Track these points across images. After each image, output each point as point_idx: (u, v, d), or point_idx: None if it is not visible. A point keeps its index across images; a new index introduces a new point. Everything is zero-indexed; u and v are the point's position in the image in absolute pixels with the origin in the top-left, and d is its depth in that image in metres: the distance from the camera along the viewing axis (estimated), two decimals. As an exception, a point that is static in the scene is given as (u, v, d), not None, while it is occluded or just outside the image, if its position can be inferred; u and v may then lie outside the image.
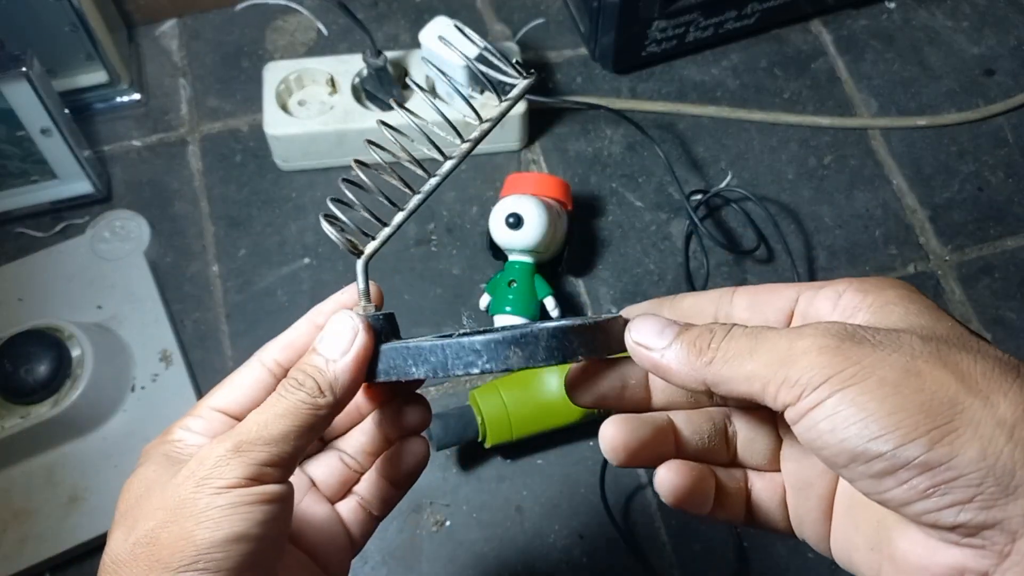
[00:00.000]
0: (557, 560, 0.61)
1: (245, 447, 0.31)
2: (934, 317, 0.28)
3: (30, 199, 0.71)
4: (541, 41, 0.82)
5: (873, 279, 0.30)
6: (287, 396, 0.33)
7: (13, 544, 0.59)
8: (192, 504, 0.30)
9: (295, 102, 0.75)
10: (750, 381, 0.28)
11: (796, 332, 0.28)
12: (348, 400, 0.33)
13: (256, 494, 0.30)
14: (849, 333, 0.27)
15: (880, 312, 0.29)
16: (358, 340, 0.33)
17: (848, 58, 0.82)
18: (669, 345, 0.30)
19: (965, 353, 0.26)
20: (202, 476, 0.30)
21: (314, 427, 0.32)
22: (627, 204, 0.74)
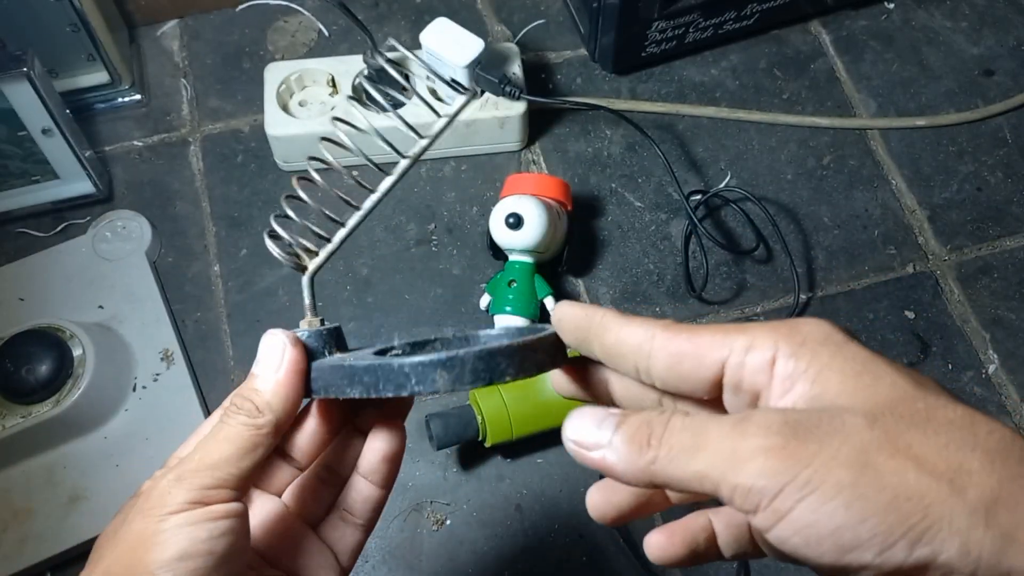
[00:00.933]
0: (557, 560, 0.61)
1: (187, 475, 0.32)
2: (873, 377, 0.26)
3: (31, 199, 0.71)
4: (541, 41, 0.82)
5: (798, 330, 0.28)
6: (228, 421, 0.34)
7: (13, 544, 0.59)
8: (140, 533, 0.31)
9: (296, 102, 0.75)
10: (700, 481, 0.26)
11: (739, 428, 0.26)
12: (289, 416, 0.34)
13: (199, 515, 0.31)
14: (792, 427, 0.25)
15: (818, 381, 0.27)
16: (287, 357, 0.34)
17: (847, 58, 0.82)
18: (608, 443, 0.28)
19: (915, 431, 0.25)
20: (148, 508, 0.32)
21: (258, 447, 0.33)
22: (627, 204, 0.74)
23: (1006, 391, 0.68)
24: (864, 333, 0.69)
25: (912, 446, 0.24)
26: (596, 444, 0.28)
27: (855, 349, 0.27)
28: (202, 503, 0.31)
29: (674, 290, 0.71)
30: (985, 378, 0.68)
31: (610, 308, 0.32)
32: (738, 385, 0.28)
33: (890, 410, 0.25)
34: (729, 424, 0.26)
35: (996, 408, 0.67)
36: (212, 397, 0.66)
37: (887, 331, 0.69)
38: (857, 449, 0.24)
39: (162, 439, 0.62)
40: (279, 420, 0.34)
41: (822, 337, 0.27)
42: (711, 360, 0.29)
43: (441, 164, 0.76)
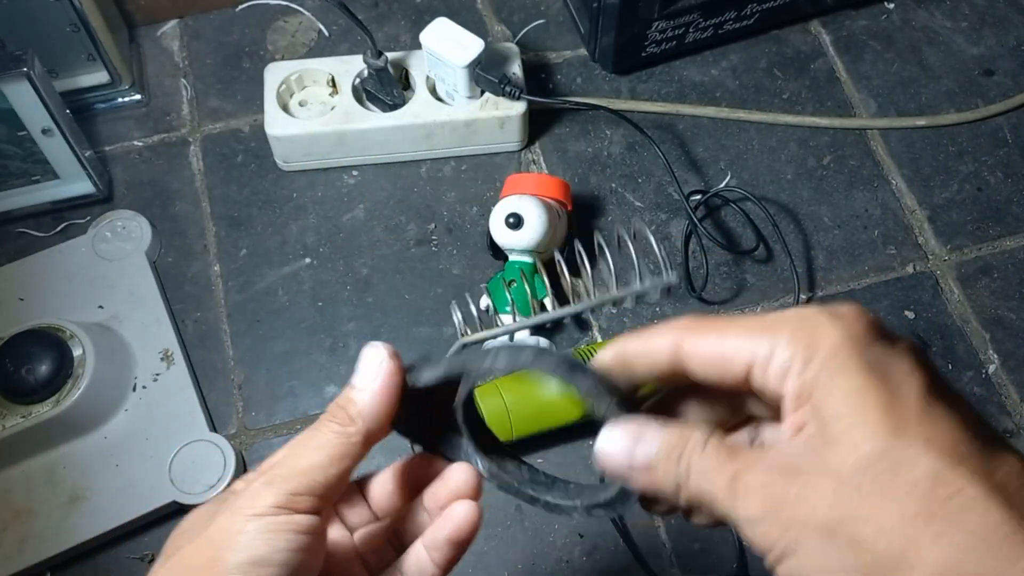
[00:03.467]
0: (557, 560, 0.61)
1: (277, 478, 0.33)
2: (853, 423, 0.27)
3: (31, 199, 0.71)
4: (541, 41, 0.82)
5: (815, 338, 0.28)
6: (321, 429, 0.35)
7: (13, 544, 0.59)
8: (224, 529, 0.32)
9: (296, 102, 0.75)
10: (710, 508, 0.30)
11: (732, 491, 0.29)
12: (378, 429, 0.35)
13: (283, 522, 0.32)
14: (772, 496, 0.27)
15: (821, 404, 0.28)
16: (383, 368, 0.35)
17: (847, 58, 0.82)
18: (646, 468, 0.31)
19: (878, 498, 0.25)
20: (237, 505, 0.32)
21: (346, 456, 0.34)
22: (627, 204, 0.74)
23: (1006, 391, 0.68)
24: (864, 333, 0.69)
25: (870, 519, 0.25)
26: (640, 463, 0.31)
27: (851, 372, 0.27)
28: (288, 508, 0.32)
29: (674, 290, 0.71)
30: (985, 378, 0.68)
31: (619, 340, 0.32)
32: (762, 392, 0.29)
33: (859, 472, 0.26)
34: (725, 482, 0.29)
35: (996, 408, 0.67)
36: (212, 397, 0.66)
37: (887, 331, 0.69)
38: (823, 521, 0.26)
39: (162, 439, 0.62)
40: (370, 430, 0.34)
41: (832, 348, 0.28)
42: (738, 367, 0.29)
43: (441, 164, 0.76)
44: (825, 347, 0.28)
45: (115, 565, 0.61)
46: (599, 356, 0.33)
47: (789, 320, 0.29)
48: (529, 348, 0.33)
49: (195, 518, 0.34)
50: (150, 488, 0.60)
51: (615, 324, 0.69)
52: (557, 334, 0.68)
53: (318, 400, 0.66)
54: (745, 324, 0.30)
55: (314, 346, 0.68)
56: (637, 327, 0.69)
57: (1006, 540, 0.24)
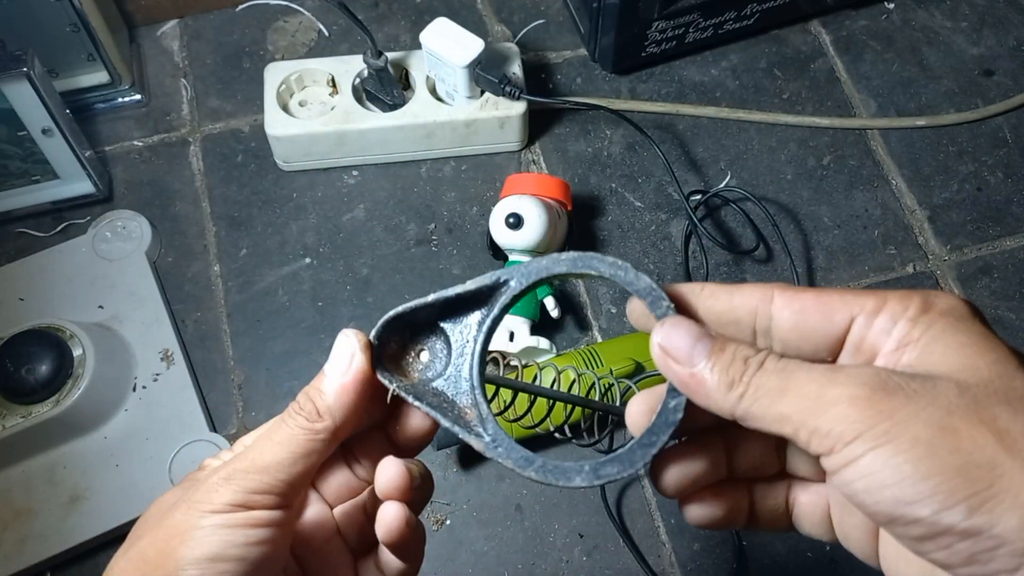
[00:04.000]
0: (557, 560, 0.61)
1: (236, 475, 0.32)
2: (978, 352, 0.26)
3: (31, 199, 0.71)
4: (541, 41, 0.82)
5: (928, 300, 0.28)
6: (287, 421, 0.33)
7: (13, 544, 0.59)
8: (178, 524, 0.31)
9: (296, 102, 0.75)
10: (781, 423, 0.27)
11: (828, 376, 0.26)
12: (349, 423, 0.33)
13: (240, 519, 0.31)
14: (882, 381, 0.26)
15: (926, 350, 0.27)
16: (355, 362, 0.33)
17: (847, 58, 0.82)
18: (701, 366, 0.28)
19: (1005, 406, 0.25)
20: (194, 500, 0.32)
21: (312, 453, 0.32)
22: (627, 204, 0.74)
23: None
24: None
25: (997, 419, 0.24)
26: (688, 359, 0.28)
27: (973, 325, 0.27)
28: (245, 507, 0.31)
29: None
30: (985, 378, 0.68)
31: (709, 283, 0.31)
32: (859, 345, 0.28)
33: (984, 384, 0.25)
34: (819, 371, 0.27)
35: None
36: (212, 397, 0.66)
37: (887, 331, 0.69)
38: (942, 411, 0.25)
39: (162, 439, 0.62)
40: (338, 426, 0.33)
41: (946, 309, 0.27)
42: (840, 317, 0.28)
43: (441, 164, 0.76)
44: (940, 307, 0.27)
45: (115, 565, 0.61)
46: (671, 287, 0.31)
47: (893, 292, 0.29)
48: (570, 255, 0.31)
49: (160, 504, 0.33)
50: (150, 488, 0.60)
51: (615, 324, 0.69)
52: (557, 334, 0.69)
53: (318, 400, 0.66)
54: (848, 290, 0.29)
55: (314, 346, 0.68)
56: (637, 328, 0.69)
57: None
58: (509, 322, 0.65)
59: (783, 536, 0.62)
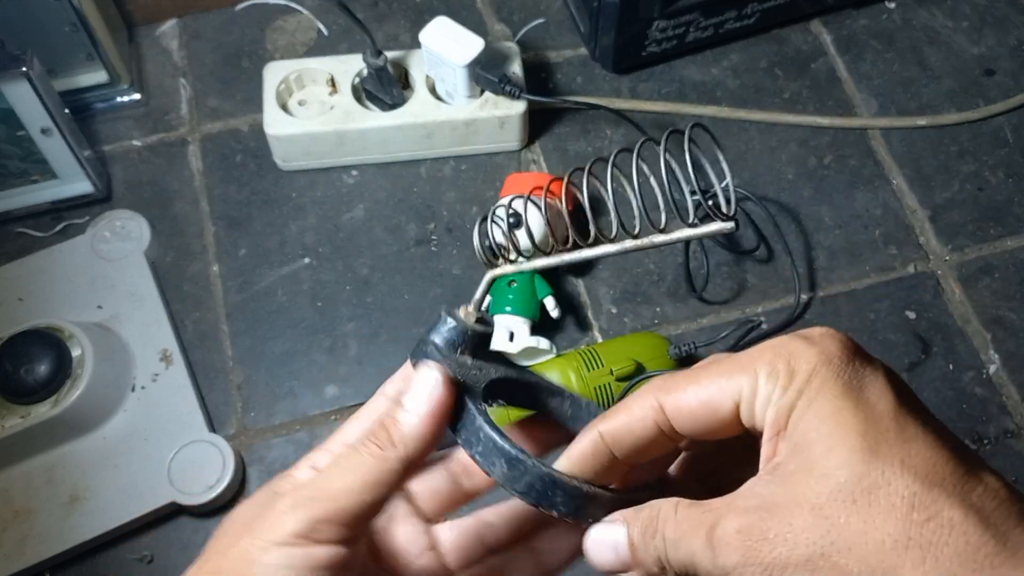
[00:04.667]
0: (557, 560, 0.61)
1: (302, 501, 0.30)
2: (828, 449, 0.26)
3: (30, 199, 0.71)
4: (541, 41, 0.82)
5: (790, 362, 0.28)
6: (359, 448, 0.32)
7: (13, 544, 0.59)
8: (242, 555, 0.30)
9: (295, 102, 0.75)
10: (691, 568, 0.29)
11: (708, 541, 0.28)
12: (422, 456, 0.32)
13: (305, 556, 0.29)
14: (749, 540, 0.27)
15: (784, 446, 0.28)
16: (436, 392, 0.32)
17: (848, 58, 0.82)
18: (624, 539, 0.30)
19: (857, 524, 0.25)
20: (259, 528, 0.30)
21: (380, 484, 0.31)
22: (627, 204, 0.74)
23: (1007, 391, 0.68)
24: (865, 333, 0.69)
25: (852, 548, 0.25)
26: (623, 564, 0.31)
27: (828, 397, 0.27)
28: (309, 537, 0.30)
29: (675, 290, 0.71)
30: (986, 378, 0.68)
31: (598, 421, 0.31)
32: (755, 431, 0.29)
33: (837, 498, 0.26)
34: (702, 537, 0.28)
35: (997, 408, 0.67)
36: (211, 397, 0.66)
37: (888, 331, 0.69)
38: (804, 557, 0.26)
39: (161, 439, 0.62)
40: (411, 457, 0.32)
41: (807, 375, 0.27)
42: (725, 408, 0.29)
43: (441, 164, 0.76)
44: (802, 372, 0.27)
45: (115, 565, 0.61)
46: (573, 449, 0.32)
47: (764, 352, 0.29)
48: (502, 461, 0.31)
49: (237, 516, 0.32)
50: (149, 489, 0.60)
51: (615, 324, 0.69)
52: (557, 334, 0.68)
53: (317, 400, 0.66)
54: (720, 368, 0.29)
55: (314, 346, 0.68)
56: (638, 327, 0.69)
57: (986, 561, 0.24)
58: (509, 322, 0.65)
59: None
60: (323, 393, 0.66)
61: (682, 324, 0.69)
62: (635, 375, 0.60)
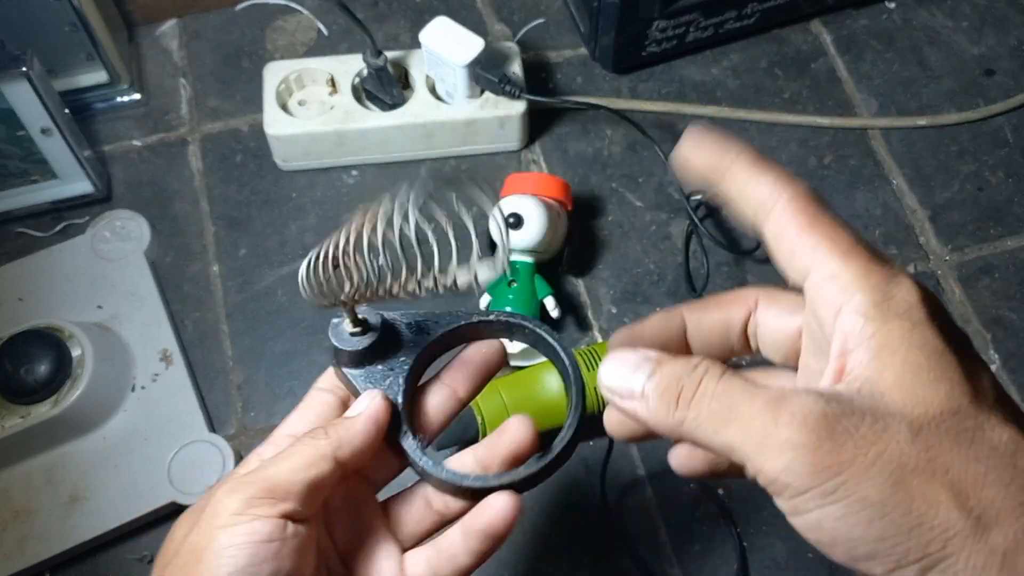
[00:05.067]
0: (557, 560, 0.61)
1: (241, 484, 0.33)
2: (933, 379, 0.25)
3: (30, 199, 0.71)
4: (541, 41, 0.82)
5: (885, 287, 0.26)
6: (301, 440, 0.35)
7: (13, 544, 0.59)
8: (194, 546, 0.32)
9: (295, 102, 0.75)
10: (728, 451, 0.26)
11: (773, 412, 0.25)
12: (358, 458, 0.36)
13: (254, 528, 0.32)
14: (829, 425, 0.24)
15: (877, 361, 0.25)
16: (374, 402, 0.37)
17: (848, 58, 0.82)
18: (641, 392, 0.28)
19: (956, 452, 0.24)
20: (205, 517, 0.33)
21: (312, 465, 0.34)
22: (627, 204, 0.74)
23: (1007, 391, 0.67)
24: (865, 333, 0.69)
25: (949, 471, 0.24)
26: (630, 392, 0.28)
27: (929, 334, 0.25)
28: (247, 514, 0.32)
29: (675, 290, 0.71)
30: (986, 378, 0.68)
31: (745, 149, 0.29)
32: (813, 304, 0.28)
33: (937, 423, 0.24)
34: (762, 402, 0.25)
35: (997, 408, 0.67)
36: (211, 397, 0.66)
37: (888, 331, 0.69)
38: (893, 465, 0.24)
39: (161, 439, 0.62)
40: (341, 448, 0.35)
41: (904, 306, 0.26)
42: (799, 264, 0.28)
43: (441, 164, 0.76)
44: (898, 301, 0.26)
45: (114, 565, 0.61)
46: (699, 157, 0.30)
47: (861, 254, 0.27)
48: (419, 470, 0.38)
49: (181, 525, 0.35)
50: (149, 489, 0.60)
51: (615, 324, 0.69)
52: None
53: (318, 400, 0.66)
54: (831, 230, 0.28)
55: (314, 346, 0.68)
56: (637, 327, 0.69)
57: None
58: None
59: (784, 537, 0.62)
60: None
61: (682, 324, 0.69)
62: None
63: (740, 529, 0.62)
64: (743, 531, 0.62)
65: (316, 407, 0.39)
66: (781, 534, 0.62)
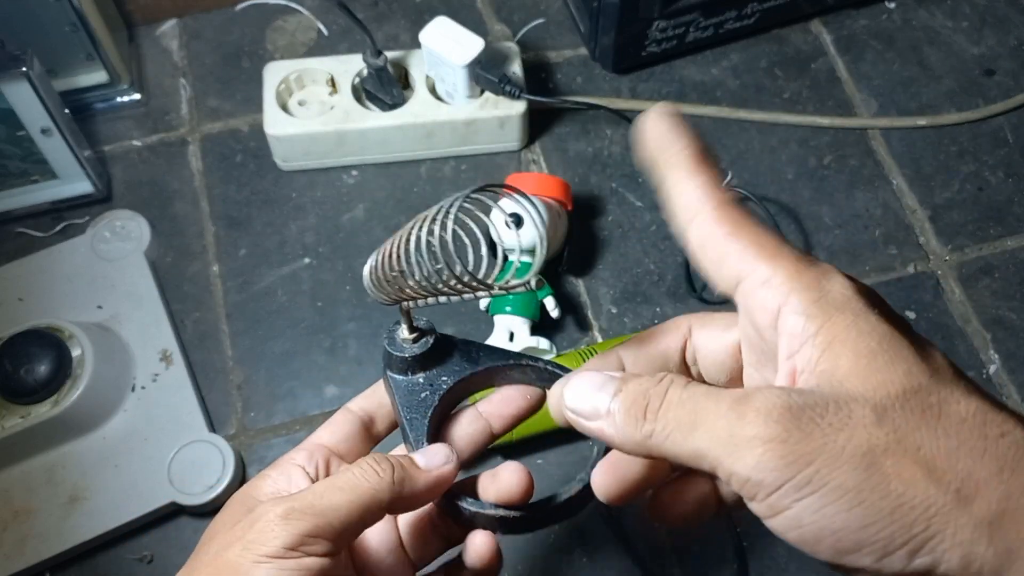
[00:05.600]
0: (557, 560, 0.61)
1: (294, 514, 0.31)
2: (887, 361, 0.24)
3: (30, 199, 0.71)
4: (541, 41, 0.82)
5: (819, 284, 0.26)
6: (354, 471, 0.33)
7: (13, 544, 0.59)
8: (234, 566, 0.30)
9: (295, 102, 0.75)
10: (697, 460, 0.25)
11: (737, 411, 0.24)
12: (411, 508, 0.34)
13: (295, 567, 0.30)
14: (795, 417, 0.24)
15: (828, 354, 0.25)
16: (448, 466, 0.35)
17: (848, 58, 0.82)
18: (607, 411, 0.27)
19: (925, 429, 0.23)
20: (249, 539, 0.31)
21: (369, 511, 0.32)
22: (627, 204, 0.74)
23: (1007, 391, 0.68)
24: (865, 333, 0.69)
25: (921, 448, 0.23)
26: (595, 412, 0.28)
27: (874, 321, 0.25)
28: (298, 551, 0.31)
29: (675, 290, 0.71)
30: (986, 378, 0.68)
31: (689, 147, 0.29)
32: (748, 312, 0.27)
33: (902, 403, 0.24)
34: (727, 404, 0.25)
35: (997, 408, 0.67)
36: (211, 397, 0.66)
37: (888, 331, 0.69)
38: (863, 449, 0.23)
39: (161, 439, 0.62)
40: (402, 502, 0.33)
41: (842, 299, 0.26)
42: (728, 272, 0.27)
43: (441, 164, 0.76)
44: (835, 296, 0.26)
45: (115, 565, 0.61)
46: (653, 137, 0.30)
47: (787, 256, 0.27)
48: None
49: (217, 525, 0.34)
50: (149, 489, 0.60)
51: (615, 324, 0.69)
52: (557, 334, 0.68)
53: (317, 400, 0.66)
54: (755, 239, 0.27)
55: (314, 346, 0.68)
56: (638, 327, 0.69)
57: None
58: (509, 322, 0.65)
59: (783, 537, 0.62)
60: (323, 393, 0.66)
61: (682, 324, 0.69)
62: (635, 375, 0.60)
63: (740, 529, 0.62)
64: (743, 531, 0.62)
65: (345, 427, 0.39)
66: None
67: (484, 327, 0.67)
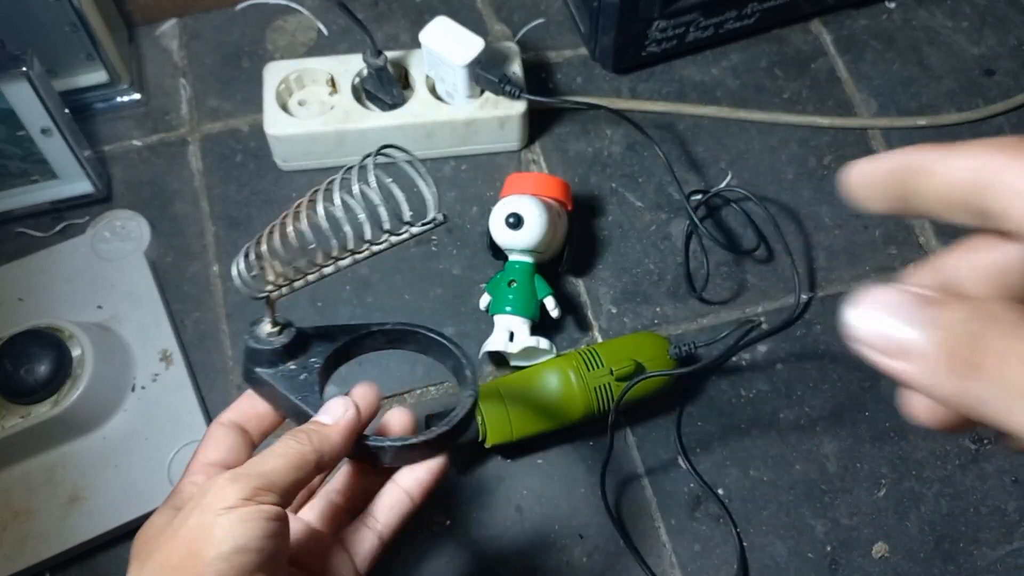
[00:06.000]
0: (557, 560, 0.61)
1: (241, 476, 0.36)
2: None
3: (30, 199, 0.71)
4: (541, 41, 0.82)
5: None
6: (286, 441, 0.39)
7: (13, 544, 0.59)
8: (197, 526, 0.34)
9: (295, 102, 0.75)
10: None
11: None
12: (334, 459, 0.40)
13: (253, 511, 0.35)
14: None
15: None
16: (348, 413, 0.41)
17: (848, 58, 0.82)
18: (921, 354, 0.19)
19: None
20: (205, 503, 0.35)
21: (303, 468, 0.38)
22: (627, 204, 0.74)
23: (1007, 391, 0.68)
24: (865, 333, 0.69)
25: None
26: (899, 348, 0.20)
27: None
28: (254, 501, 0.35)
29: (675, 290, 0.71)
30: (986, 378, 0.68)
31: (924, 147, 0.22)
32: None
33: None
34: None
35: (997, 408, 0.67)
36: (211, 397, 0.66)
37: (888, 331, 0.69)
38: None
39: (161, 439, 0.62)
40: (327, 458, 0.40)
41: None
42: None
43: (441, 164, 0.76)
44: None
45: (114, 565, 0.61)
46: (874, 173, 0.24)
47: None
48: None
49: (156, 524, 0.36)
50: (149, 489, 0.60)
51: (615, 324, 0.69)
52: (557, 334, 0.68)
53: (318, 400, 0.66)
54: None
55: (314, 346, 0.68)
56: (638, 327, 0.69)
57: None
58: (509, 322, 0.65)
59: (784, 536, 0.62)
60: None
61: (682, 324, 0.70)
62: (635, 375, 0.60)
63: (740, 529, 0.62)
64: (743, 531, 0.62)
65: (227, 440, 0.42)
66: (781, 534, 0.62)
67: (484, 327, 0.67)
